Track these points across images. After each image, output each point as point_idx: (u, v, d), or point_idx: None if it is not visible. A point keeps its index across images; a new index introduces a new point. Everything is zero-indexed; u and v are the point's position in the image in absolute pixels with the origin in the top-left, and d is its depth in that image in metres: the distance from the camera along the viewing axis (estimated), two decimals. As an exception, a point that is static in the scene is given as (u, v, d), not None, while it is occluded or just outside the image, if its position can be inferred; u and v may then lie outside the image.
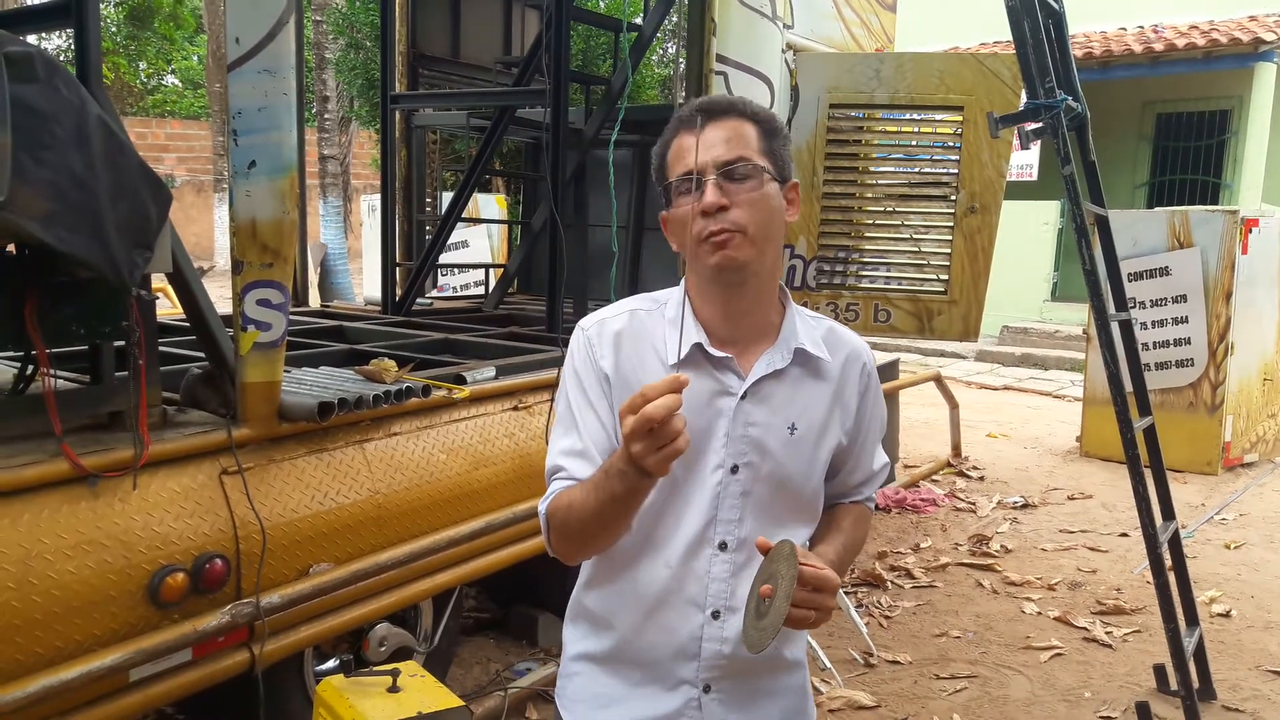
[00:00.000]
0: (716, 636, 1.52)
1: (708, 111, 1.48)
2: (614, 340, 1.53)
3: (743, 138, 1.47)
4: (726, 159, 1.45)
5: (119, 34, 23.60)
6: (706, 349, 1.50)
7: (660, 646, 1.54)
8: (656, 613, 1.53)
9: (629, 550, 1.53)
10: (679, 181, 1.48)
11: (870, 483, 1.70)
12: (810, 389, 1.55)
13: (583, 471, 1.49)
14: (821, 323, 1.62)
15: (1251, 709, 3.74)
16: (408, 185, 6.01)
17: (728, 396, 1.50)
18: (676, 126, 1.52)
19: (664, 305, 1.57)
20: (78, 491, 2.30)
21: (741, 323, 1.53)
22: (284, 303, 2.65)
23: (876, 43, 5.26)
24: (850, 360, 1.60)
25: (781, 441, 1.52)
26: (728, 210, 1.43)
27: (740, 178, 1.44)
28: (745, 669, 1.55)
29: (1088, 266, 3.58)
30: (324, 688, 2.34)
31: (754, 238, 1.45)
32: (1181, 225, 6.95)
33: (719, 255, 1.44)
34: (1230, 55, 12.07)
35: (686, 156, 1.46)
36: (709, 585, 1.51)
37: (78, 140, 2.15)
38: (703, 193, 1.43)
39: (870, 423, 1.64)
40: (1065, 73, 3.69)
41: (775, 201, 1.49)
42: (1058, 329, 12.49)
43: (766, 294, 1.54)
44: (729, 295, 1.51)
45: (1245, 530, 5.86)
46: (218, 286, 11.86)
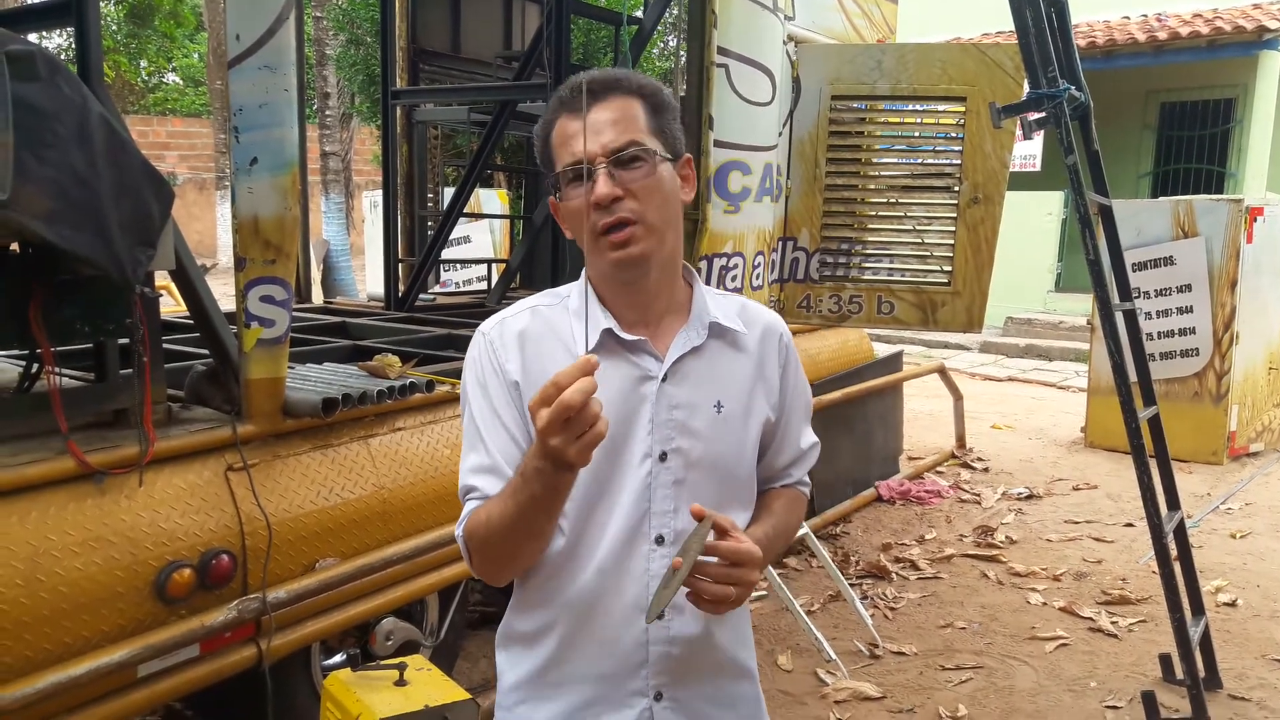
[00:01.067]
0: (663, 638, 1.45)
1: (591, 91, 1.37)
2: (518, 341, 1.45)
3: (630, 118, 1.38)
4: (616, 145, 1.36)
5: (120, 32, 23.61)
6: (618, 334, 1.43)
7: (603, 659, 1.45)
8: (594, 622, 1.44)
9: (557, 560, 1.44)
10: (566, 171, 1.38)
11: (800, 463, 1.61)
12: (731, 364, 1.48)
13: (494, 488, 1.40)
14: (732, 299, 1.55)
15: (1258, 698, 3.73)
16: (409, 181, 6.01)
17: (648, 380, 1.43)
18: (558, 107, 1.41)
19: (566, 298, 1.50)
20: (84, 489, 2.31)
21: (650, 306, 1.46)
22: (287, 299, 2.66)
23: (878, 34, 5.25)
24: (767, 333, 1.53)
25: (709, 421, 1.44)
26: (622, 199, 1.35)
27: (633, 163, 1.36)
28: (698, 670, 1.48)
29: (1091, 256, 3.57)
30: (331, 682, 2.35)
31: (652, 226, 1.38)
32: (1186, 214, 6.93)
33: (620, 253, 1.37)
34: (1234, 43, 12.04)
35: (572, 143, 1.37)
36: (649, 584, 1.42)
37: (80, 138, 2.16)
38: (594, 184, 1.35)
39: (794, 397, 1.57)
40: (1068, 62, 3.68)
41: (670, 184, 1.41)
42: (1062, 320, 12.47)
43: (670, 276, 1.47)
44: (633, 285, 1.44)
45: (1251, 520, 5.85)
46: (220, 284, 11.87)
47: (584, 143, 1.36)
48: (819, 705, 3.60)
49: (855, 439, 5.93)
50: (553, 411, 1.15)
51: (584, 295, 1.46)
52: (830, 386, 5.40)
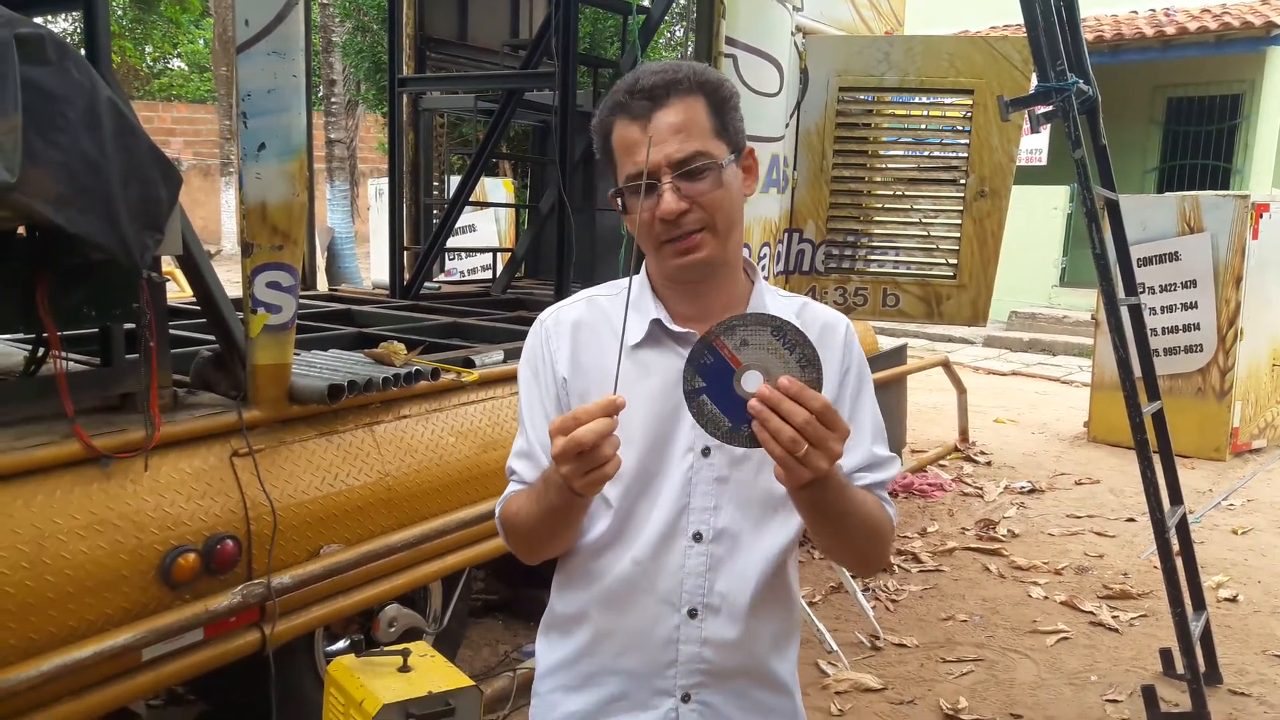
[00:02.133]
0: (695, 637, 1.42)
1: (650, 95, 1.33)
2: (571, 331, 1.46)
3: (694, 123, 1.34)
4: (680, 157, 1.32)
5: (125, 17, 23.57)
6: (667, 325, 1.41)
7: (632, 654, 1.44)
8: (627, 614, 1.43)
9: (596, 547, 1.44)
10: (626, 187, 1.36)
11: (873, 468, 1.47)
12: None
13: (530, 474, 1.45)
14: (795, 299, 1.51)
15: (1258, 693, 3.74)
16: (415, 169, 6.00)
17: None
18: (615, 110, 1.37)
19: (625, 289, 1.46)
20: (90, 472, 2.31)
21: (708, 301, 1.43)
22: (294, 285, 2.66)
23: (886, 25, 5.23)
24: (826, 331, 1.46)
25: None
26: (689, 212, 1.33)
27: (697, 175, 1.33)
28: (729, 675, 1.44)
29: (1097, 251, 3.57)
30: (335, 667, 2.35)
31: (719, 231, 1.36)
32: (1192, 210, 6.92)
33: (684, 259, 1.36)
34: (1242, 39, 11.99)
35: (635, 151, 1.34)
36: (683, 580, 1.40)
37: (89, 122, 2.16)
38: (659, 197, 1.32)
39: (858, 400, 1.48)
40: (1076, 55, 3.67)
41: (735, 186, 1.38)
42: (1066, 314, 12.45)
43: (732, 273, 1.45)
44: (691, 283, 1.42)
45: (1253, 516, 5.86)
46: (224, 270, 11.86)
47: (647, 153, 1.32)
48: (820, 696, 3.61)
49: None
50: (565, 443, 1.17)
51: (640, 286, 1.46)
52: (834, 379, 5.39)
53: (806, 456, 1.16)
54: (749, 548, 1.43)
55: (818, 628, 3.92)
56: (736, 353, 1.19)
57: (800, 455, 1.15)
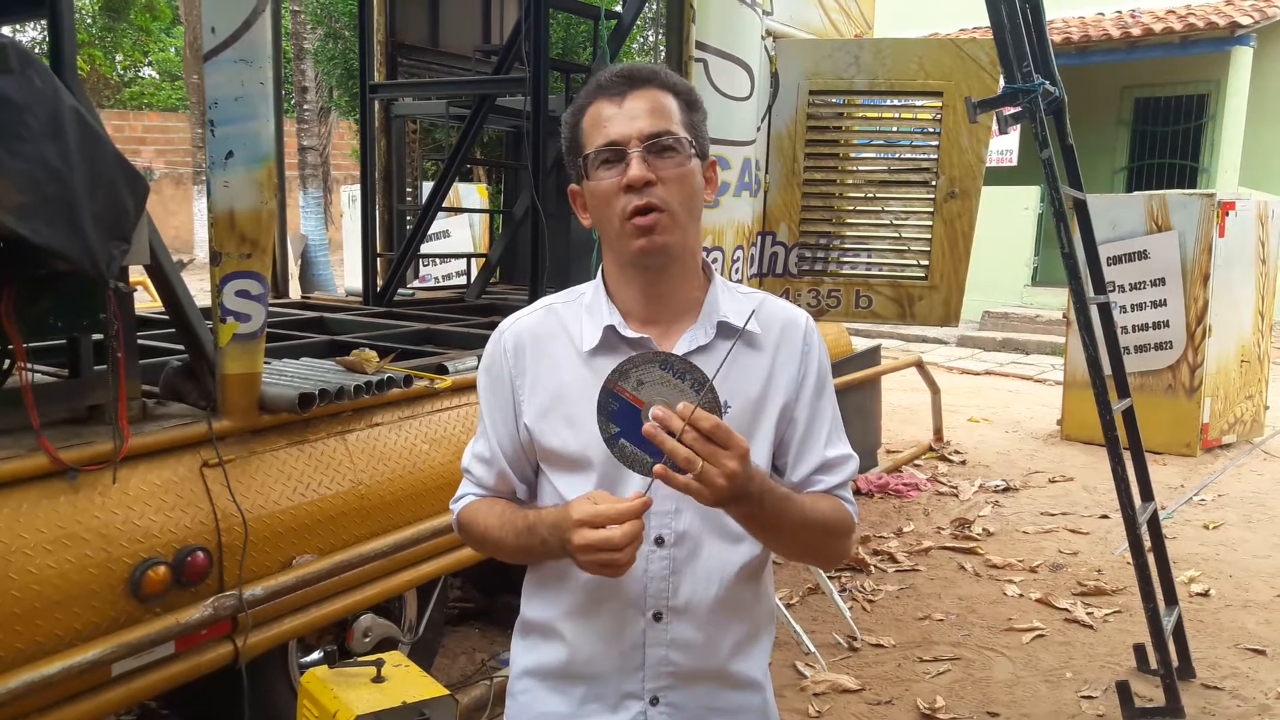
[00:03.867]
0: (661, 640, 1.44)
1: (629, 79, 1.40)
2: (532, 341, 1.48)
3: (665, 109, 1.40)
4: (651, 131, 1.37)
5: (94, 26, 23.34)
6: (620, 330, 1.42)
7: (603, 657, 1.46)
8: (595, 618, 1.45)
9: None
10: (599, 152, 1.38)
11: (829, 470, 1.49)
12: (742, 364, 1.43)
13: (487, 478, 1.52)
14: (753, 296, 1.51)
15: (1230, 686, 3.78)
16: (388, 175, 5.98)
17: None
18: (594, 94, 1.42)
19: (582, 295, 1.50)
20: (57, 485, 2.28)
21: (662, 303, 1.44)
22: (263, 293, 2.64)
23: (855, 29, 5.26)
24: (786, 329, 1.48)
25: None
26: (653, 185, 1.36)
27: (665, 151, 1.37)
28: (696, 678, 1.46)
29: (1066, 250, 3.60)
30: (308, 679, 2.34)
31: (678, 217, 1.38)
32: (1159, 209, 6.99)
33: (644, 240, 1.37)
34: (1207, 39, 12.15)
35: (607, 126, 1.38)
36: (647, 585, 1.42)
37: (52, 132, 2.14)
38: (627, 165, 1.36)
39: (817, 399, 1.49)
40: (1042, 57, 3.70)
41: (697, 179, 1.42)
42: (1038, 314, 12.55)
43: (689, 273, 1.46)
44: (650, 278, 1.43)
45: (1223, 511, 5.92)
46: (197, 280, 11.77)
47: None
48: (798, 697, 3.62)
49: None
50: (595, 539, 1.25)
51: (595, 292, 1.48)
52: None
53: (704, 474, 1.20)
54: (711, 551, 1.44)
55: (795, 630, 3.93)
56: (636, 393, 1.25)
57: (697, 473, 1.20)
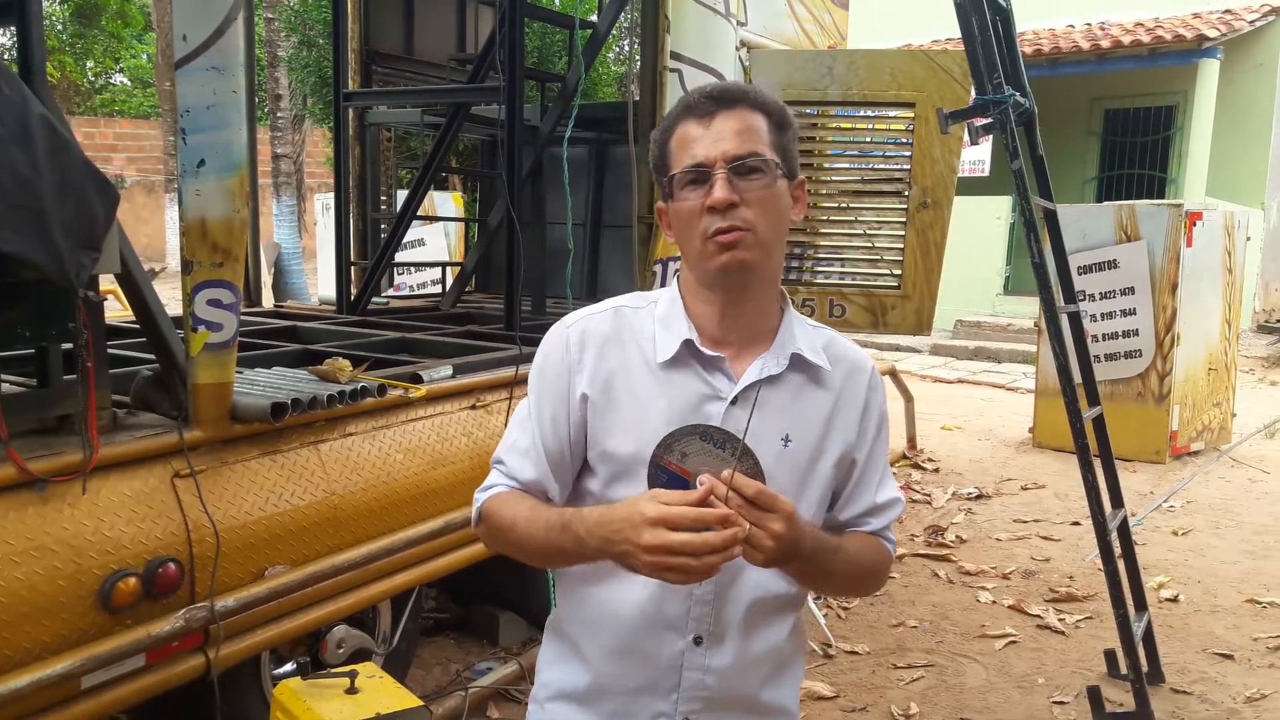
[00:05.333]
0: (699, 665, 1.43)
1: (718, 100, 1.38)
2: (598, 346, 1.44)
3: (754, 130, 1.37)
4: (737, 153, 1.35)
5: (65, 32, 23.14)
6: (697, 346, 1.41)
7: (636, 675, 1.44)
8: (633, 638, 1.43)
9: (606, 568, 1.41)
10: (685, 173, 1.37)
11: (877, 514, 1.52)
12: (808, 399, 1.44)
13: (523, 469, 1.47)
14: (822, 331, 1.51)
15: (1199, 691, 3.82)
16: (362, 184, 5.96)
17: (716, 400, 1.40)
18: (682, 113, 1.41)
19: (654, 303, 1.48)
20: (25, 497, 2.26)
21: (737, 325, 1.43)
22: (235, 303, 2.62)
23: (829, 40, 5.30)
24: (854, 372, 1.48)
25: (773, 454, 1.39)
26: (737, 207, 1.34)
27: (751, 173, 1.35)
28: (729, 703, 1.45)
29: (1036, 260, 3.64)
30: (281, 690, 2.32)
31: (763, 238, 1.37)
32: (1128, 219, 7.08)
33: (726, 256, 1.35)
34: (1175, 52, 12.32)
35: (693, 146, 1.37)
36: (691, 608, 1.41)
37: (20, 139, 2.12)
38: (712, 186, 1.34)
39: (875, 444, 1.50)
40: (1013, 69, 3.74)
41: (784, 200, 1.40)
42: (1010, 322, 12.66)
43: (767, 297, 1.45)
44: (729, 298, 1.41)
45: (1192, 517, 5.98)
46: (169, 288, 11.69)
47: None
48: (773, 706, 3.62)
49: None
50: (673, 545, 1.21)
51: (672, 303, 1.46)
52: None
53: (752, 537, 1.23)
54: (753, 578, 1.44)
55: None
56: (682, 464, 1.28)
57: (745, 537, 1.22)
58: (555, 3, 10.62)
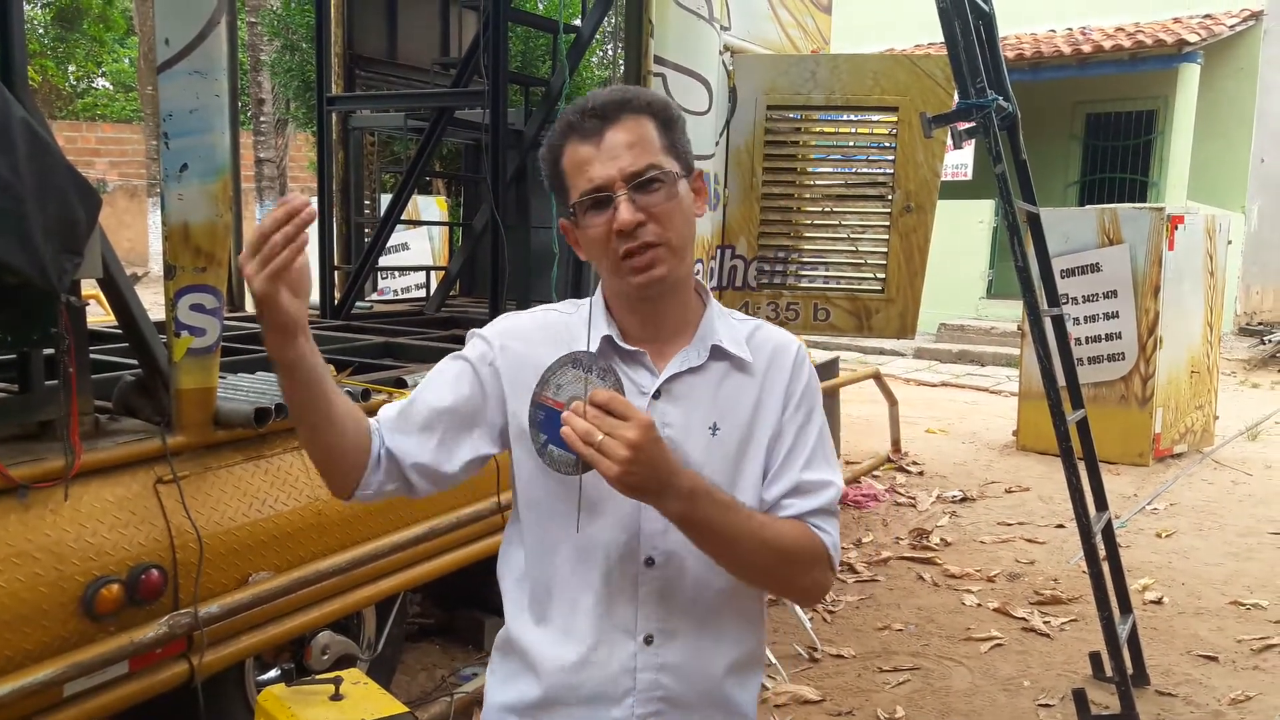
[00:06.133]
0: (653, 664, 1.40)
1: (601, 114, 1.35)
2: (525, 335, 1.46)
3: (645, 140, 1.35)
4: (635, 169, 1.33)
5: (47, 35, 23.00)
6: (617, 342, 1.41)
7: (591, 682, 1.41)
8: (583, 643, 1.41)
9: (549, 574, 1.43)
10: (584, 199, 1.35)
11: (802, 495, 1.43)
12: (732, 388, 1.43)
13: (392, 422, 1.46)
14: (747, 323, 1.51)
15: (1184, 693, 3.84)
16: (345, 188, 5.94)
17: (640, 396, 1.40)
18: (566, 131, 1.38)
19: (581, 308, 1.49)
20: (7, 503, 2.24)
21: (660, 325, 1.44)
22: (218, 307, 2.61)
23: (812, 44, 5.32)
24: (777, 355, 1.47)
25: (702, 444, 1.40)
26: (645, 224, 1.33)
27: (652, 186, 1.34)
28: (689, 704, 1.43)
29: (1020, 263, 3.66)
30: (265, 697, 2.31)
31: (675, 247, 1.36)
32: (1111, 222, 7.12)
33: (643, 277, 1.35)
34: (1155, 56, 12.42)
35: (588, 169, 1.34)
36: (639, 608, 1.40)
37: (1, 144, 2.10)
38: (616, 209, 1.32)
39: (803, 422, 1.46)
40: (996, 73, 3.76)
41: (687, 202, 1.40)
42: (994, 326, 12.72)
43: (684, 294, 1.46)
44: (648, 306, 1.43)
45: (1176, 519, 6.02)
46: (152, 294, 11.62)
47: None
48: (759, 709, 3.62)
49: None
50: (251, 242, 1.23)
51: (593, 307, 1.46)
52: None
53: (604, 445, 1.19)
54: (698, 571, 1.41)
55: (756, 641, 3.94)
56: (556, 397, 1.28)
57: (597, 443, 1.19)
58: (539, 7, 10.62)
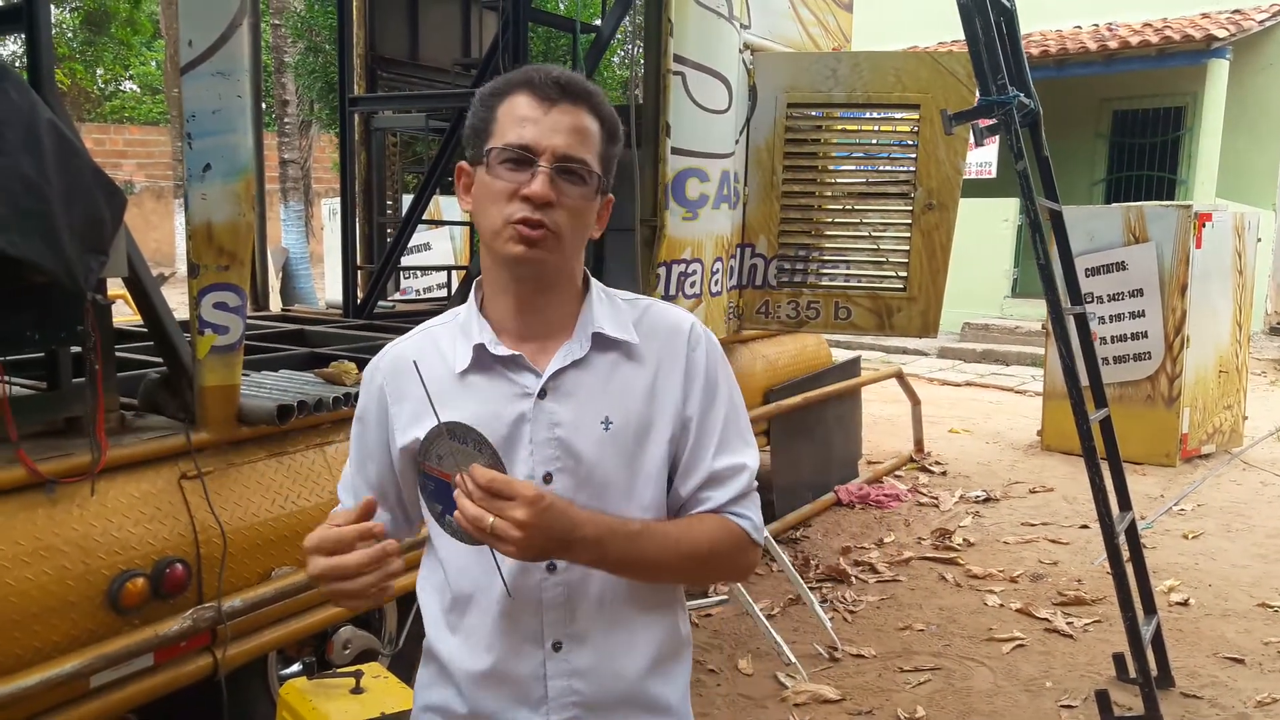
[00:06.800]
0: (564, 670, 1.38)
1: (564, 89, 1.33)
2: (401, 366, 1.42)
3: (589, 135, 1.34)
4: (569, 153, 1.31)
5: (75, 39, 23.29)
6: (490, 349, 1.37)
7: (502, 693, 1.39)
8: (491, 654, 1.39)
9: (455, 589, 1.42)
10: (507, 149, 1.32)
11: (717, 486, 1.41)
12: (623, 377, 1.39)
13: (349, 503, 1.53)
14: (637, 305, 1.45)
15: (1209, 695, 3.80)
16: (368, 188, 5.99)
17: (525, 397, 1.36)
18: (522, 85, 1.35)
19: (457, 315, 1.45)
20: (35, 498, 2.28)
21: (537, 318, 1.39)
22: (241, 305, 2.64)
23: (833, 42, 5.31)
24: (670, 337, 1.42)
25: (595, 440, 1.36)
26: (552, 207, 1.30)
27: (575, 178, 1.32)
28: (606, 706, 1.40)
29: (1042, 261, 3.64)
30: (287, 690, 2.33)
31: (565, 243, 1.34)
32: (1137, 220, 7.06)
33: (522, 249, 1.31)
34: (1183, 52, 12.27)
35: (524, 127, 1.31)
36: (544, 614, 1.37)
37: (29, 145, 2.14)
38: (533, 177, 1.30)
39: (708, 406, 1.42)
40: (1017, 69, 3.74)
41: (592, 214, 1.38)
42: (1018, 325, 12.63)
43: (565, 290, 1.41)
44: (522, 288, 1.38)
45: (1203, 520, 5.96)
46: (178, 293, 11.73)
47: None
48: (779, 708, 3.62)
49: (814, 444, 5.98)
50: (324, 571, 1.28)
51: (467, 310, 1.44)
52: (789, 392, 5.44)
53: (495, 528, 1.19)
54: (601, 573, 1.37)
55: (775, 640, 3.94)
56: (440, 467, 1.27)
57: (488, 528, 1.19)
58: (560, 6, 10.65)
